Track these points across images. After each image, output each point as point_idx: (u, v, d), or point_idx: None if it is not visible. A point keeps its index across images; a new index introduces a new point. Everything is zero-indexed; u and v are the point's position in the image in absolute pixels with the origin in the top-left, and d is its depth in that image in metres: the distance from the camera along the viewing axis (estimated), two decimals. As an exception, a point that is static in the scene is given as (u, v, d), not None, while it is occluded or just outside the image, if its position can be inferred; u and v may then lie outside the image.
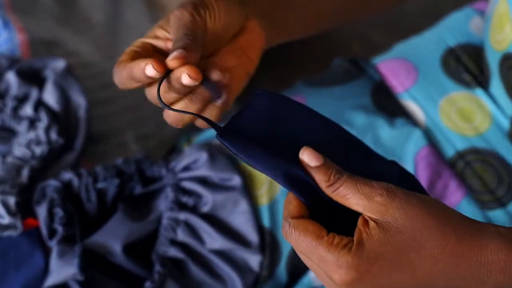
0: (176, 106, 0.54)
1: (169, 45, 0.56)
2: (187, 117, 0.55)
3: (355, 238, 0.46)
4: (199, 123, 0.57)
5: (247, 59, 0.57)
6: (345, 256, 0.45)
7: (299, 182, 0.48)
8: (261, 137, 0.49)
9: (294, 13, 0.63)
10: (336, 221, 0.48)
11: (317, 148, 0.48)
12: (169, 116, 0.56)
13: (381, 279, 0.45)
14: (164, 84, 0.52)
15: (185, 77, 0.50)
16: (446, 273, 0.46)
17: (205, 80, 0.52)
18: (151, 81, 0.54)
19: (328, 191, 0.47)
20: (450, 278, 0.46)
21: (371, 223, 0.46)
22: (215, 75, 0.53)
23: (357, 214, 0.47)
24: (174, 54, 0.50)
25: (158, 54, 0.56)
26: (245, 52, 0.57)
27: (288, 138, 0.50)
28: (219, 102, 0.54)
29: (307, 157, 0.48)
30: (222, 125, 0.49)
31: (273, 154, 0.48)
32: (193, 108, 0.54)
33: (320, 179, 0.47)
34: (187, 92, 0.53)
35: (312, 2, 0.65)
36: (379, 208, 0.46)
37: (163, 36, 0.56)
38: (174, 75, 0.51)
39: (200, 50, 0.52)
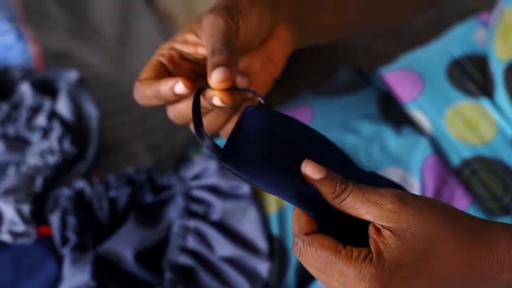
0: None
1: (200, 50, 0.54)
2: (188, 117, 0.53)
3: (372, 249, 0.45)
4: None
5: (273, 65, 0.56)
6: (367, 268, 0.44)
7: (306, 197, 0.47)
8: (261, 155, 0.48)
9: (321, 19, 0.62)
10: (343, 233, 0.47)
11: (316, 160, 0.47)
12: (173, 112, 0.55)
13: (402, 287, 0.45)
14: (187, 101, 0.52)
15: (217, 100, 0.49)
16: (461, 275, 0.45)
17: (233, 88, 0.50)
18: (177, 99, 0.53)
19: (335, 203, 0.47)
20: (465, 280, 0.46)
21: (386, 232, 0.45)
22: (243, 82, 0.52)
23: (364, 224, 0.47)
24: (218, 75, 0.49)
25: (185, 61, 0.55)
26: (271, 57, 0.56)
27: (286, 153, 0.49)
28: (260, 100, 0.52)
29: (310, 170, 0.47)
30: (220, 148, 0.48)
31: (276, 173, 0.47)
32: (222, 116, 0.53)
33: (326, 191, 0.47)
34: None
35: (339, 10, 0.64)
36: (392, 216, 0.45)
37: (193, 41, 0.55)
38: (206, 95, 0.50)
39: (237, 61, 0.51)
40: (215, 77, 0.49)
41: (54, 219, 0.71)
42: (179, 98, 0.52)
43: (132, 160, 0.83)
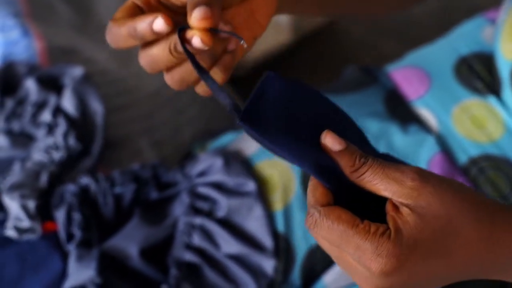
0: (177, 67, 0.50)
1: None
2: (190, 79, 0.50)
3: (390, 226, 0.44)
4: (200, 89, 0.53)
5: (256, 23, 0.53)
6: (385, 244, 0.43)
7: (324, 168, 0.45)
8: (282, 121, 0.46)
9: None
10: (359, 209, 0.46)
11: (336, 133, 0.46)
12: (172, 77, 0.51)
13: (418, 266, 0.44)
14: (162, 44, 0.48)
15: (197, 40, 0.46)
16: (479, 257, 0.45)
17: (216, 30, 0.47)
18: (154, 38, 0.48)
19: (353, 177, 0.45)
20: (483, 262, 0.45)
21: (404, 209, 0.44)
22: (225, 28, 0.49)
23: (381, 201, 0.46)
24: (199, 12, 0.46)
25: (162, 7, 0.51)
26: (254, 14, 0.53)
27: (305, 122, 0.47)
28: (242, 43, 0.49)
29: (330, 141, 0.46)
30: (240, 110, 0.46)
31: (296, 140, 0.46)
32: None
33: (345, 164, 0.45)
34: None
35: None
36: (411, 193, 0.44)
37: None
38: (185, 36, 0.47)
39: (220, 3, 0.48)
40: (196, 14, 0.46)
41: (59, 215, 0.71)
42: (157, 36, 0.47)
43: (137, 157, 0.83)
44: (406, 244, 0.43)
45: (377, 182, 0.45)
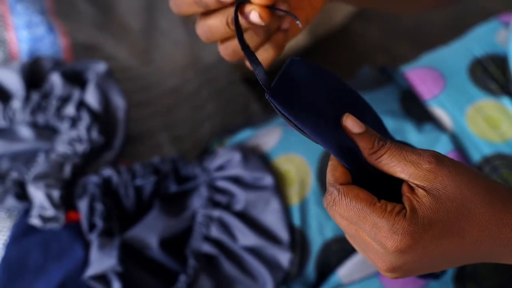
0: (232, 39, 0.52)
1: None
2: (242, 53, 0.51)
3: (406, 206, 0.45)
4: (248, 64, 0.53)
5: (310, 5, 0.55)
6: (400, 222, 0.44)
7: (344, 149, 0.47)
8: (305, 101, 0.48)
9: None
10: (377, 190, 0.47)
11: (356, 117, 0.48)
12: (226, 48, 0.53)
13: (431, 246, 0.45)
14: (220, 15, 0.50)
15: (255, 15, 0.48)
16: (491, 239, 0.46)
17: (274, 8, 0.50)
18: (217, 7, 0.50)
19: (372, 159, 0.47)
20: (494, 245, 0.46)
21: (420, 191, 0.45)
22: (283, 7, 0.51)
23: (397, 184, 0.47)
24: None
25: None
26: None
27: (327, 105, 0.49)
28: (298, 23, 0.50)
29: (351, 123, 0.47)
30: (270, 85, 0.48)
31: (319, 119, 0.48)
32: (255, 40, 0.52)
33: (364, 146, 0.47)
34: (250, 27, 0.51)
35: None
36: (427, 176, 0.45)
37: None
38: (244, 10, 0.49)
39: None
40: None
41: (82, 205, 0.72)
42: (220, 6, 0.50)
43: (156, 151, 0.84)
44: (421, 223, 0.45)
45: (395, 164, 0.46)
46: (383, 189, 0.48)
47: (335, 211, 0.46)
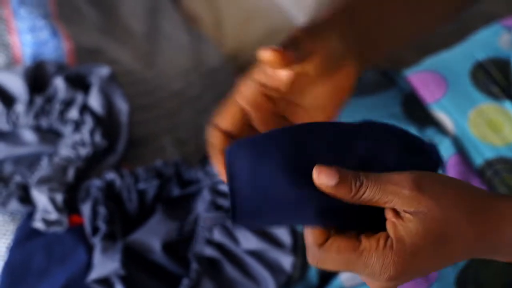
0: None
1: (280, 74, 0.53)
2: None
3: (391, 234, 0.46)
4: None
5: (338, 99, 0.57)
6: (389, 256, 0.45)
7: (324, 209, 0.46)
8: (267, 194, 0.46)
9: (386, 44, 0.63)
10: (360, 217, 0.47)
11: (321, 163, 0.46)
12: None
13: (423, 267, 0.46)
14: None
15: (265, 54, 0.49)
16: (471, 251, 0.48)
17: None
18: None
19: (354, 200, 0.47)
20: (473, 254, 0.48)
21: (406, 216, 0.46)
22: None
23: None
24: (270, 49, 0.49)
25: (266, 100, 0.54)
26: (336, 91, 0.56)
27: (288, 174, 0.46)
28: None
29: (325, 178, 0.46)
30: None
31: (290, 208, 0.46)
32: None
33: (343, 194, 0.46)
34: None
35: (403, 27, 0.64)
36: (411, 202, 0.46)
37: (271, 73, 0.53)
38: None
39: (298, 58, 0.51)
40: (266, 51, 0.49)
41: (85, 209, 0.73)
42: None
43: (159, 155, 0.84)
44: (410, 252, 0.45)
45: (378, 198, 0.46)
46: (368, 215, 0.47)
47: (325, 267, 0.47)
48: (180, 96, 0.90)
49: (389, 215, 0.47)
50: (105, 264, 0.69)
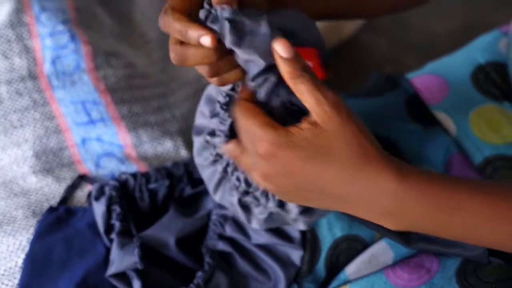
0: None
1: None
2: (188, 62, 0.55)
3: (290, 127, 0.51)
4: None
5: None
6: (272, 132, 0.51)
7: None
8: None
9: None
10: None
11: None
12: (201, 68, 0.57)
13: (295, 164, 0.51)
14: (200, 51, 0.54)
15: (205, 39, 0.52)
16: (346, 183, 0.51)
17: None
18: (197, 45, 0.54)
19: (289, 82, 0.52)
20: (350, 190, 0.52)
21: (310, 121, 0.51)
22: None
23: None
24: None
25: None
26: None
27: None
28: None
29: (280, 48, 0.51)
30: None
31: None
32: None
33: (284, 70, 0.51)
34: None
35: None
36: (323, 116, 0.51)
37: None
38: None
39: None
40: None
41: (100, 207, 0.74)
42: (198, 46, 0.54)
43: (172, 155, 0.86)
44: (288, 141, 0.51)
45: (304, 94, 0.51)
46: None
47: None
48: (192, 99, 0.92)
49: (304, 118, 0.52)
50: (123, 259, 0.70)
